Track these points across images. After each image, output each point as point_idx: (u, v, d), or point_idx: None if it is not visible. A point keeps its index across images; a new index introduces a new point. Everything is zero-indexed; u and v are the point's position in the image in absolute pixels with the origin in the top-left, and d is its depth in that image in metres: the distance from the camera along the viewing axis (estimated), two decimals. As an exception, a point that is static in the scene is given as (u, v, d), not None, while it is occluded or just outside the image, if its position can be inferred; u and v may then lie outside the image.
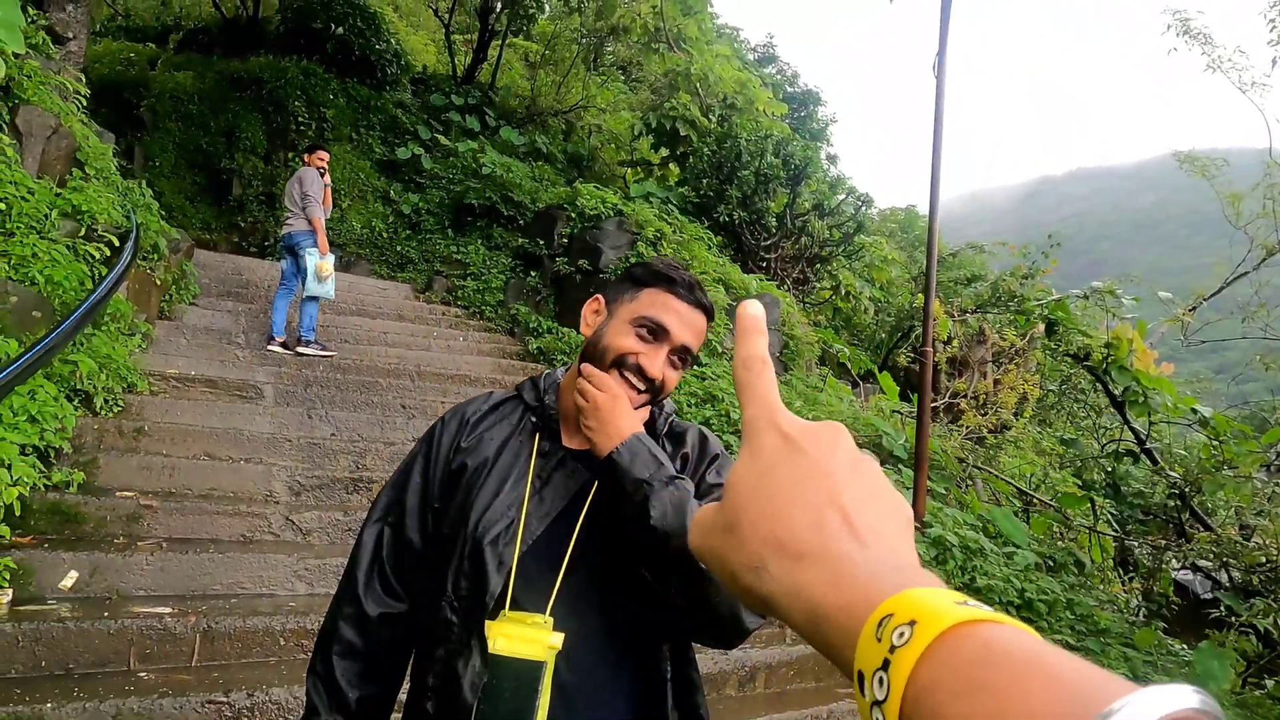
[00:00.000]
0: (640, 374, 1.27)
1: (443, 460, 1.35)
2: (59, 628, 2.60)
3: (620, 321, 1.31)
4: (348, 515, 4.05)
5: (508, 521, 1.25)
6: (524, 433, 1.35)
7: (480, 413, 1.39)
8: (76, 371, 4.47)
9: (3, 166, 5.00)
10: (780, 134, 11.16)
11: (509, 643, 1.15)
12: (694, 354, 1.33)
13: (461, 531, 1.26)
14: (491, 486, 1.29)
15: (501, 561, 1.22)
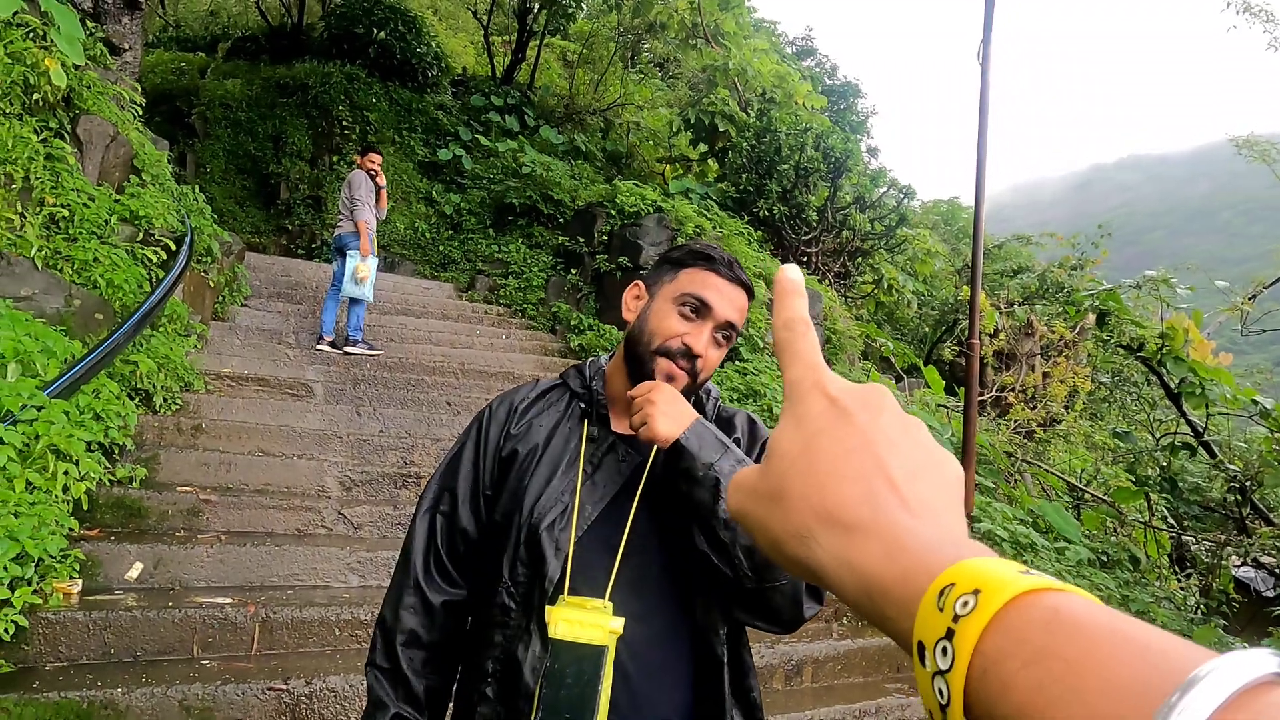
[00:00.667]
0: (687, 354, 1.28)
1: (493, 447, 1.36)
2: (127, 617, 2.70)
3: (662, 302, 1.32)
4: (397, 510, 4.13)
5: (562, 507, 1.26)
6: (573, 419, 1.36)
7: (528, 400, 1.40)
8: (137, 371, 4.62)
9: (65, 174, 5.19)
10: (820, 127, 11.05)
11: (570, 627, 1.16)
12: (737, 331, 1.33)
13: (515, 518, 1.27)
14: (543, 472, 1.30)
15: (558, 547, 1.23)
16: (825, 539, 0.36)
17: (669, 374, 1.28)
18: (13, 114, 5.07)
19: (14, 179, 4.82)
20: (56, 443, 3.27)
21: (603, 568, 1.23)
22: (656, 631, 1.21)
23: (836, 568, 0.35)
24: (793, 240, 10.70)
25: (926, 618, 0.31)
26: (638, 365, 1.32)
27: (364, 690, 2.65)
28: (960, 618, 0.29)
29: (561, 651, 1.16)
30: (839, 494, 0.36)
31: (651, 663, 1.21)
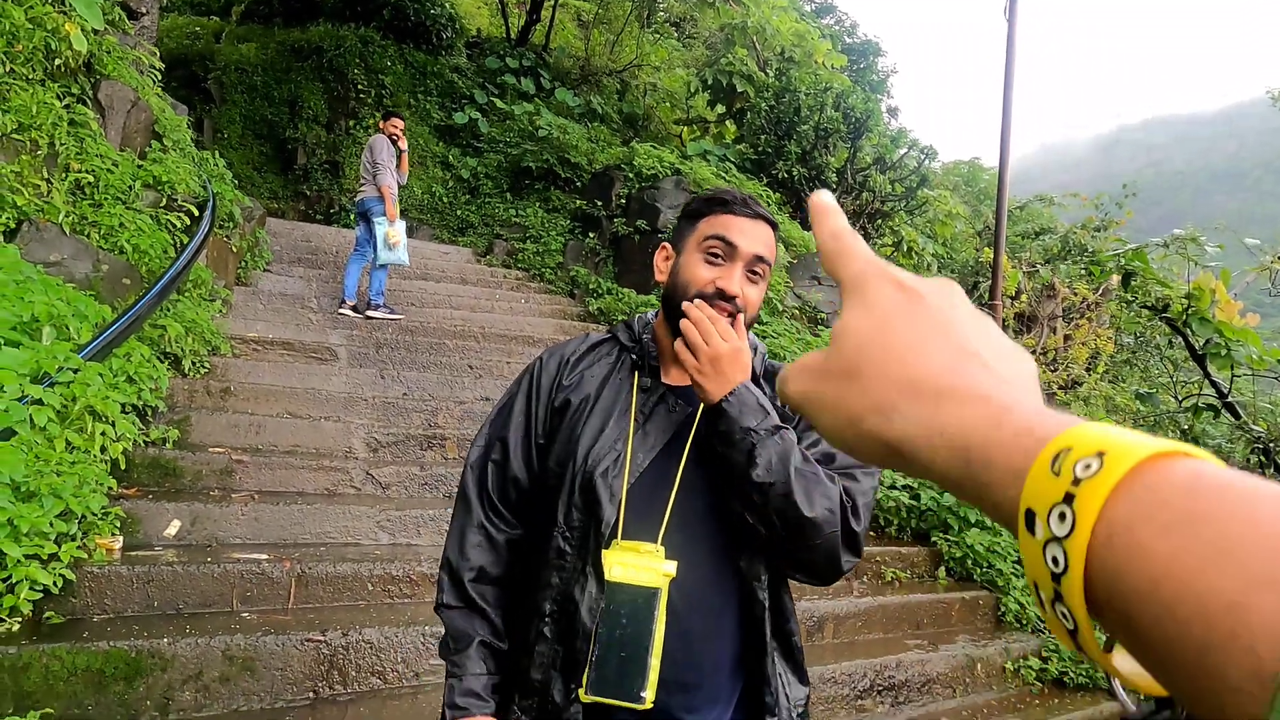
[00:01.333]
0: (722, 295, 1.29)
1: (545, 397, 1.40)
2: (168, 571, 2.78)
3: (689, 254, 1.34)
4: (424, 470, 4.20)
5: (615, 455, 1.30)
6: (623, 370, 1.39)
7: (579, 352, 1.44)
8: (165, 335, 4.70)
9: (89, 140, 5.22)
10: (840, 86, 10.88)
11: (625, 570, 1.20)
12: (768, 264, 1.34)
13: (570, 466, 1.31)
14: (596, 422, 1.33)
15: (612, 493, 1.27)
16: (911, 409, 0.34)
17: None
18: (35, 80, 5.09)
19: (39, 145, 4.85)
20: (93, 404, 3.35)
21: (654, 514, 1.27)
22: (705, 575, 1.26)
23: (926, 437, 0.34)
24: (812, 202, 10.59)
25: (1039, 482, 0.29)
26: (678, 315, 1.34)
27: (398, 643, 2.73)
28: (1081, 481, 0.28)
29: (617, 593, 1.21)
30: (926, 363, 0.35)
31: (700, 604, 1.26)
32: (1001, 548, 4.64)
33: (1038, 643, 4.19)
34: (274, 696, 2.53)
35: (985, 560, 4.57)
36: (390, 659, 2.73)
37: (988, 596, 4.46)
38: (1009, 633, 4.28)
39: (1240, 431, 5.48)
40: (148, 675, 2.37)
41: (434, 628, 2.84)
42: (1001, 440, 0.31)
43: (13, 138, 4.75)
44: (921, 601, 4.15)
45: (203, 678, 2.44)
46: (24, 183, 4.72)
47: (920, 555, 4.65)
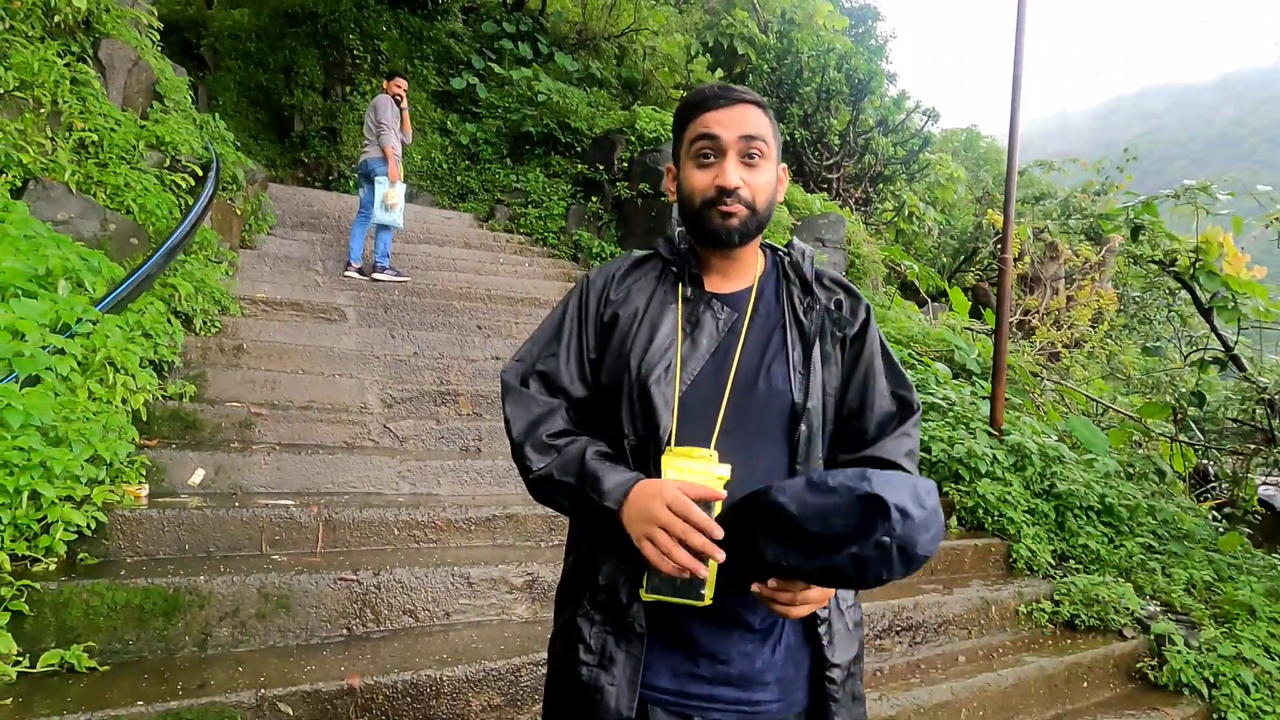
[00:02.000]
0: (725, 191, 1.29)
1: (593, 314, 1.40)
2: (198, 515, 2.80)
3: (685, 165, 1.35)
4: (440, 424, 4.21)
5: (667, 363, 1.30)
6: (667, 282, 1.40)
7: (624, 269, 1.44)
8: (176, 294, 4.68)
9: (91, 99, 5.16)
10: (843, 48, 10.78)
11: (680, 475, 1.20)
12: (763, 140, 1.31)
13: (625, 377, 1.32)
14: (645, 333, 1.34)
15: (666, 400, 1.28)
16: None
17: (723, 214, 1.30)
18: (35, 37, 5.02)
19: (42, 103, 4.79)
20: (113, 356, 3.35)
21: (708, 418, 1.28)
22: (758, 478, 1.26)
23: None
24: (815, 166, 10.56)
25: None
26: (694, 226, 1.36)
27: (429, 582, 2.77)
28: None
29: None
30: None
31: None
32: (1012, 497, 4.69)
33: (1049, 587, 4.25)
34: (309, 633, 2.56)
35: (996, 509, 4.62)
36: (421, 598, 2.76)
37: (999, 544, 4.51)
38: (1020, 578, 4.34)
39: (1247, 381, 5.52)
40: (186, 611, 2.39)
41: (462, 568, 2.87)
42: None
43: (15, 95, 4.69)
44: (935, 548, 4.20)
45: (239, 614, 2.47)
46: (28, 141, 4.67)
47: (932, 505, 4.69)
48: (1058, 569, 4.49)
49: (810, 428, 1.31)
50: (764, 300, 1.39)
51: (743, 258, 1.39)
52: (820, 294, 1.41)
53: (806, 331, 1.36)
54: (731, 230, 1.31)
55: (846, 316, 1.40)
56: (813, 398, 1.32)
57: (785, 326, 1.36)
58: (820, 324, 1.37)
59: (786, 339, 1.35)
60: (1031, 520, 4.66)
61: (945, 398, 5.50)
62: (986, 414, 5.33)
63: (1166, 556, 4.69)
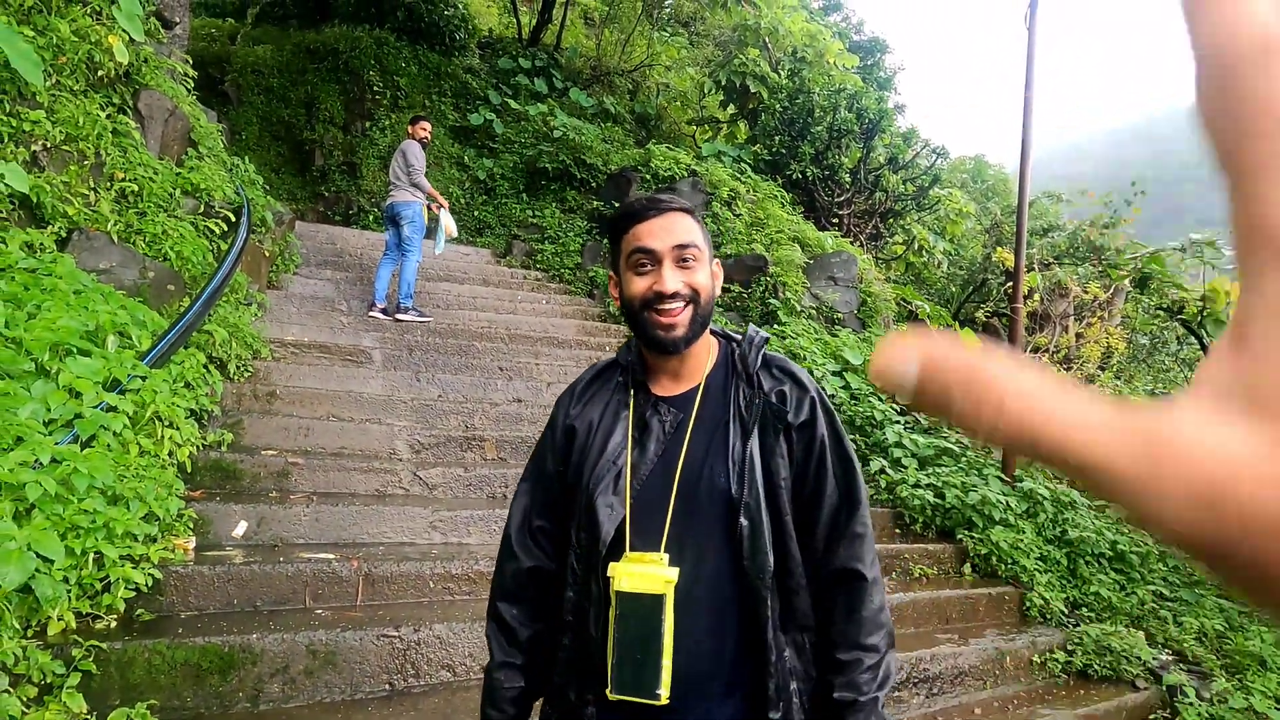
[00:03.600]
0: (661, 297, 1.35)
1: (560, 430, 1.50)
2: (245, 570, 2.93)
3: (624, 275, 1.41)
4: (467, 471, 4.34)
5: (616, 471, 1.38)
6: (620, 391, 1.47)
7: (584, 382, 1.53)
8: (212, 340, 4.84)
9: (131, 149, 5.36)
10: (854, 87, 10.99)
11: (632, 580, 1.29)
12: (696, 246, 1.36)
13: (579, 489, 1.41)
14: (598, 444, 1.42)
15: (613, 509, 1.35)
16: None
17: (666, 324, 1.34)
18: (79, 91, 5.23)
19: (86, 155, 4.99)
20: (161, 410, 3.50)
21: (656, 522, 1.34)
22: (707, 575, 1.33)
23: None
24: (825, 202, 10.72)
25: None
26: (641, 331, 1.41)
27: (465, 638, 2.88)
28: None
29: (627, 601, 1.30)
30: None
31: (704, 604, 1.32)
32: (1025, 545, 4.78)
33: (1063, 636, 4.33)
34: (354, 688, 2.67)
35: (1009, 557, 4.71)
36: (458, 653, 2.88)
37: (1013, 592, 4.60)
38: (1034, 627, 4.42)
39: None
40: (239, 668, 2.52)
41: (497, 623, 2.99)
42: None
43: (61, 148, 4.89)
44: (950, 597, 4.30)
45: (289, 670, 2.59)
46: (73, 193, 4.86)
47: (946, 552, 4.79)
48: (1070, 617, 4.57)
49: (752, 521, 1.31)
50: (710, 396, 1.41)
51: (690, 355, 1.41)
52: (766, 384, 1.43)
53: (747, 425, 1.37)
54: (676, 340, 1.36)
55: (788, 407, 1.41)
56: (750, 491, 1.32)
57: (729, 421, 1.38)
58: (760, 415, 1.40)
59: (729, 434, 1.36)
60: (1044, 568, 4.75)
61: (958, 442, 5.60)
62: (999, 459, 5.43)
63: (1178, 604, 4.76)
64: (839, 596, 1.37)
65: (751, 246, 8.62)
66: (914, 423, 6.03)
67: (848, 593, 1.37)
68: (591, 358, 6.82)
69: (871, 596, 1.37)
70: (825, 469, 1.41)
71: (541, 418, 5.35)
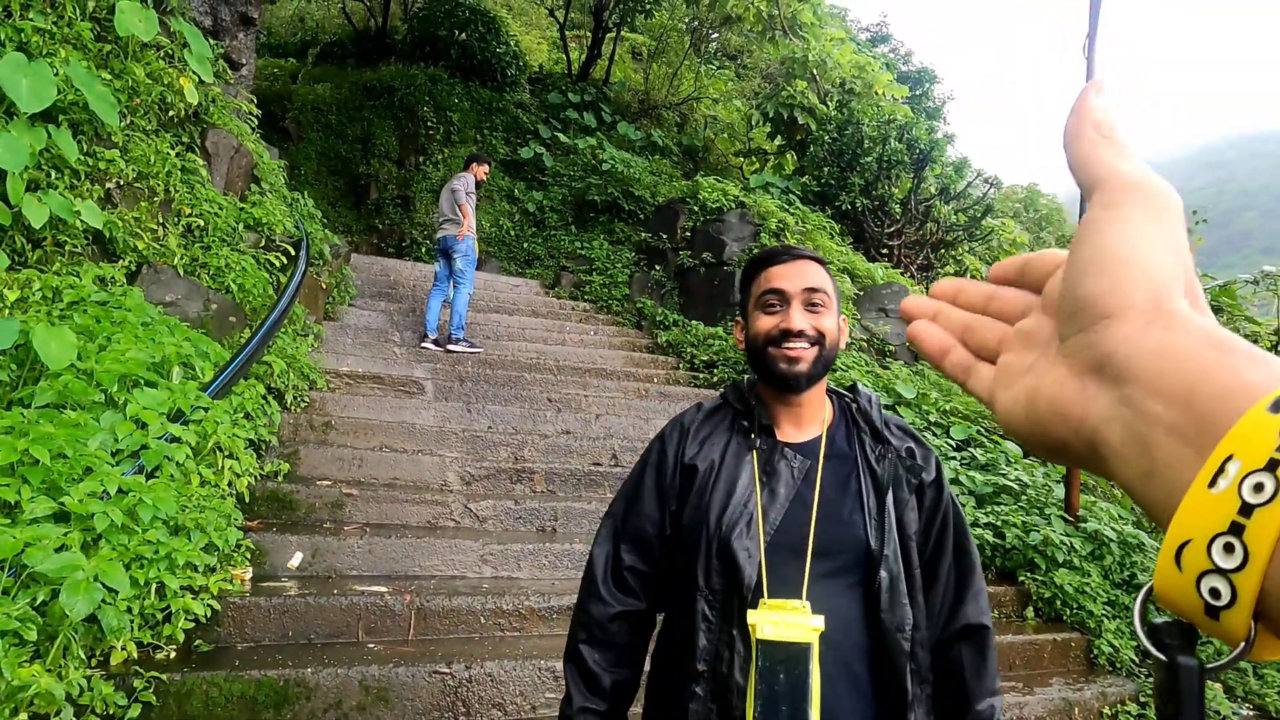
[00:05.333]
0: (788, 334, 1.37)
1: (672, 466, 1.48)
2: (300, 603, 2.95)
3: (752, 314, 1.45)
4: (517, 504, 4.33)
5: (748, 516, 1.37)
6: (740, 433, 1.46)
7: (697, 421, 1.52)
8: (270, 371, 4.95)
9: (199, 186, 5.55)
10: (904, 118, 10.92)
11: (776, 629, 1.26)
12: (825, 292, 1.41)
13: (704, 531, 1.38)
14: (723, 487, 1.40)
15: (750, 554, 1.34)
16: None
17: (791, 358, 1.38)
18: (151, 131, 5.44)
19: (156, 192, 5.18)
20: (221, 441, 3.57)
21: (793, 570, 1.33)
22: (841, 627, 1.32)
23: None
24: (875, 233, 10.62)
25: (1196, 504, 0.27)
26: (761, 369, 1.43)
27: (515, 676, 2.85)
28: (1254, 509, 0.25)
29: (772, 651, 1.26)
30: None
31: (844, 654, 1.32)
32: (1091, 589, 4.59)
33: (1134, 687, 4.12)
34: (405, 726, 2.66)
35: (1075, 601, 4.52)
36: (509, 691, 2.85)
37: (1079, 638, 4.40)
38: (1103, 676, 4.22)
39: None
40: (294, 703, 2.52)
41: (547, 661, 2.95)
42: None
43: (133, 186, 5.08)
44: (1013, 643, 4.13)
45: (342, 706, 2.58)
46: (143, 228, 5.04)
47: (1007, 595, 4.62)
48: (1143, 666, 4.35)
49: (890, 574, 1.34)
50: (835, 447, 1.44)
51: (809, 403, 1.44)
52: (891, 440, 1.45)
53: (880, 478, 1.40)
54: (799, 375, 1.37)
55: (919, 464, 1.45)
56: (889, 544, 1.34)
57: (859, 474, 1.41)
58: (894, 471, 1.42)
59: (861, 486, 1.39)
60: (1112, 613, 4.55)
61: (1017, 479, 5.43)
62: (1061, 497, 5.24)
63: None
64: (967, 649, 1.41)
65: (800, 278, 8.53)
66: (971, 459, 5.87)
67: (977, 646, 1.41)
68: (639, 389, 6.80)
69: (993, 648, 1.43)
70: (948, 527, 1.45)
71: (590, 450, 5.34)
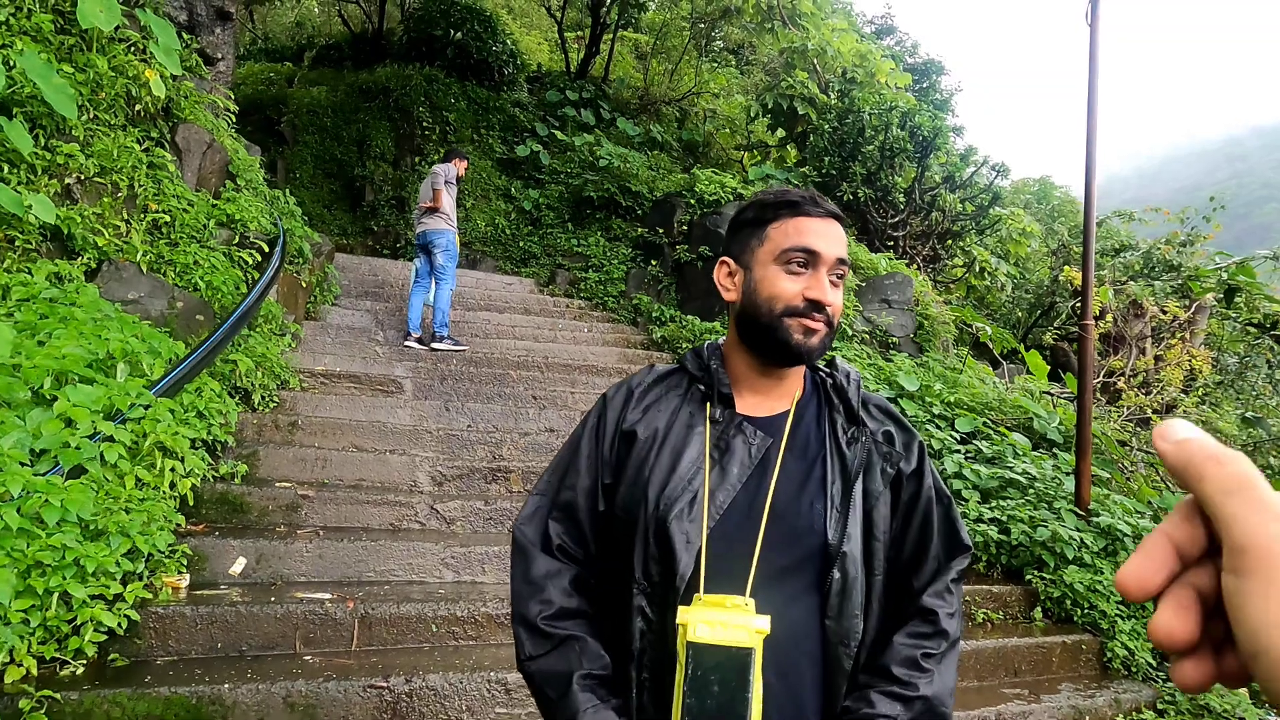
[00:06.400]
0: (816, 306, 1.16)
1: (610, 433, 1.25)
2: (232, 612, 2.72)
3: (764, 267, 1.20)
4: (488, 505, 4.10)
5: (690, 495, 1.14)
6: (693, 402, 1.24)
7: (645, 384, 1.29)
8: (236, 370, 4.74)
9: (166, 181, 5.37)
10: (906, 105, 10.63)
11: (711, 629, 1.04)
12: (849, 265, 1.23)
13: (641, 511, 1.16)
14: (666, 460, 1.18)
15: (689, 540, 1.11)
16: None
17: (807, 329, 1.17)
18: (117, 125, 5.26)
19: (120, 188, 4.99)
20: (163, 440, 3.35)
21: (738, 561, 1.11)
22: (788, 630, 1.09)
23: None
24: (879, 224, 10.33)
25: None
26: (763, 335, 1.20)
27: (462, 689, 2.60)
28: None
29: (704, 655, 1.04)
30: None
31: (786, 660, 1.10)
32: (1103, 586, 4.29)
33: (1151, 693, 3.83)
34: (335, 746, 2.42)
35: (1086, 600, 4.22)
36: (454, 706, 2.61)
37: (1091, 640, 4.11)
38: (1117, 681, 3.92)
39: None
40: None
41: (499, 673, 2.71)
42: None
43: (95, 181, 4.90)
44: (1019, 646, 3.84)
45: (264, 726, 2.35)
46: (105, 224, 4.86)
47: (1013, 594, 4.33)
48: (1160, 670, 4.05)
49: (845, 575, 1.13)
50: (803, 426, 1.23)
51: (788, 377, 1.24)
52: (868, 423, 1.24)
53: (849, 465, 1.19)
54: (813, 349, 1.18)
55: (898, 450, 1.23)
56: (850, 541, 1.14)
57: (826, 458, 1.19)
58: (866, 457, 1.20)
59: (827, 472, 1.18)
60: (1127, 613, 4.25)
61: (1025, 472, 5.14)
62: (1071, 490, 4.94)
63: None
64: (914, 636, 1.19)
65: (800, 270, 8.28)
66: (976, 452, 5.58)
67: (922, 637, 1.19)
68: (631, 386, 6.56)
69: (949, 662, 1.18)
70: (931, 528, 1.23)
71: (573, 448, 5.09)
